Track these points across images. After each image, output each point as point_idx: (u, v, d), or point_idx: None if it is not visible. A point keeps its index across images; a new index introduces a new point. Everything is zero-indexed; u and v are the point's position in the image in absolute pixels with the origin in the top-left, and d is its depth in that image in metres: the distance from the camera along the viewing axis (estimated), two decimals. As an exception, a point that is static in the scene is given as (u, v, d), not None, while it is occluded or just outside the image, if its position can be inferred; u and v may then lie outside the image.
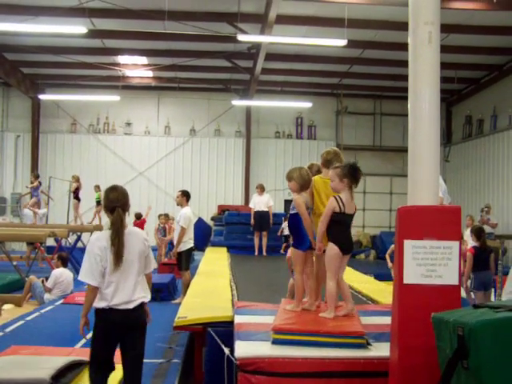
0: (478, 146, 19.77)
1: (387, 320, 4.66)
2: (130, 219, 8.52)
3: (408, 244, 3.66)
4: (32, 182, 16.60)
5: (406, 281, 3.66)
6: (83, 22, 13.68)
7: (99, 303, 4.24)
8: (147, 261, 4.46)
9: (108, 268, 4.22)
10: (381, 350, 4.21)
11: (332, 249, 4.79)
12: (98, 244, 4.26)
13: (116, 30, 15.18)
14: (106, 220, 4.41)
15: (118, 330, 4.26)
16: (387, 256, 13.89)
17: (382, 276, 12.56)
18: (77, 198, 16.91)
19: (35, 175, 17.02)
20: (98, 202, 17.00)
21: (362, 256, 20.38)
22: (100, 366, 4.32)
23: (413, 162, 3.90)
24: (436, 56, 3.86)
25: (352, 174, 4.79)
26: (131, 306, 4.24)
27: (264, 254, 13.90)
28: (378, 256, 19.83)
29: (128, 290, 4.25)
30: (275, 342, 4.38)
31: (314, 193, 5.22)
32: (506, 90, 17.93)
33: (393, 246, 13.80)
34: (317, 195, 5.22)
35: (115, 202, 4.34)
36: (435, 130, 3.87)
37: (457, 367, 2.95)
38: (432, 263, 3.66)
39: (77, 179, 16.94)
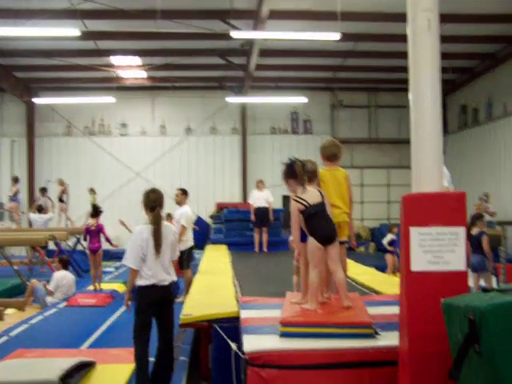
0: (473, 135, 19.77)
1: (393, 309, 4.67)
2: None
3: (414, 231, 3.65)
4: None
5: (413, 268, 3.65)
6: (75, 24, 13.64)
7: (143, 281, 5.25)
8: (173, 249, 5.53)
9: (148, 254, 5.22)
10: (389, 339, 4.20)
11: (311, 241, 4.83)
12: (140, 236, 5.28)
13: (108, 30, 15.19)
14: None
15: (157, 302, 5.30)
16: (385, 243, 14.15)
17: (383, 268, 12.59)
18: (61, 200, 17.77)
19: (14, 178, 17.45)
20: (93, 206, 17.06)
21: (362, 249, 20.41)
22: (143, 332, 5.25)
23: (416, 149, 3.88)
24: (436, 43, 3.85)
25: (291, 173, 4.94)
26: (166, 283, 5.35)
27: (265, 249, 13.84)
28: (378, 248, 19.87)
29: (163, 272, 5.30)
30: (283, 334, 4.36)
31: (321, 185, 5.26)
32: (500, 79, 17.94)
33: (389, 234, 13.93)
34: (325, 187, 5.26)
35: (155, 201, 5.43)
36: (437, 116, 3.85)
37: (469, 352, 2.95)
38: (439, 249, 3.64)
39: (61, 182, 17.65)
